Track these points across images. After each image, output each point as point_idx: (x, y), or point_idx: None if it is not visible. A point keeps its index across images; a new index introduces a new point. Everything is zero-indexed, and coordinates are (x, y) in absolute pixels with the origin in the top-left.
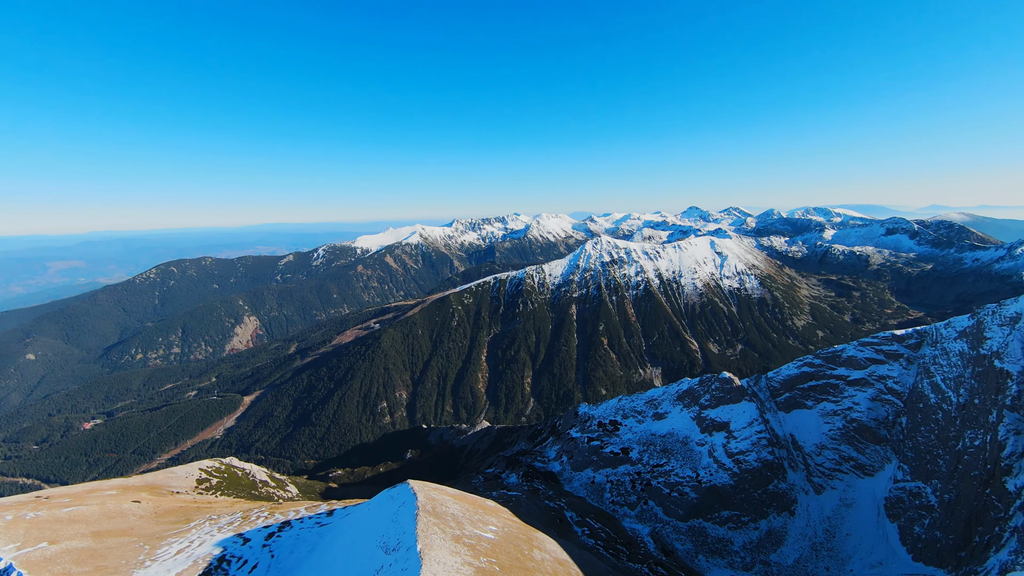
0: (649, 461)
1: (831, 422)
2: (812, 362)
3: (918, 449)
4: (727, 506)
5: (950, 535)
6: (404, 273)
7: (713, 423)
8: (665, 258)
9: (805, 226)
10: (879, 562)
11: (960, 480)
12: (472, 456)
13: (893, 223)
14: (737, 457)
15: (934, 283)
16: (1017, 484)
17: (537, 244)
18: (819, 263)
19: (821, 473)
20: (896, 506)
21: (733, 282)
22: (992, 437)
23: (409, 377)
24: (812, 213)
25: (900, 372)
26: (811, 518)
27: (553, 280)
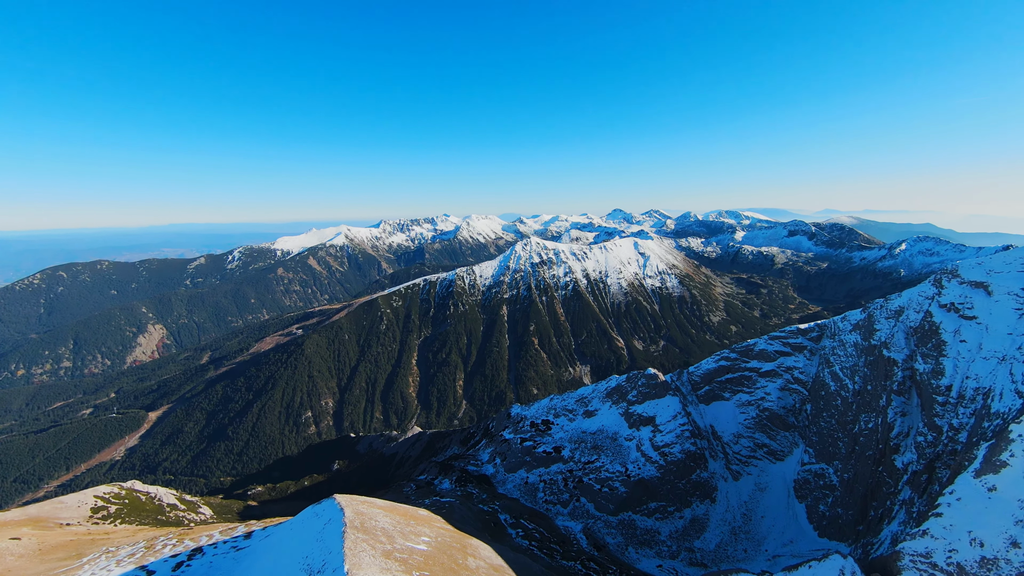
0: (580, 458)
1: (746, 412)
2: (728, 356)
3: (821, 433)
4: (654, 498)
5: (849, 511)
6: (329, 276)
7: (640, 418)
8: (592, 259)
9: (719, 228)
10: (790, 540)
11: (857, 460)
12: (404, 463)
13: (794, 225)
14: (663, 450)
15: (829, 280)
16: (904, 461)
17: (467, 245)
18: (731, 262)
19: (738, 460)
20: (803, 487)
21: (655, 281)
22: (882, 420)
23: (335, 384)
24: (725, 216)
25: (804, 363)
26: (730, 504)
27: (484, 281)
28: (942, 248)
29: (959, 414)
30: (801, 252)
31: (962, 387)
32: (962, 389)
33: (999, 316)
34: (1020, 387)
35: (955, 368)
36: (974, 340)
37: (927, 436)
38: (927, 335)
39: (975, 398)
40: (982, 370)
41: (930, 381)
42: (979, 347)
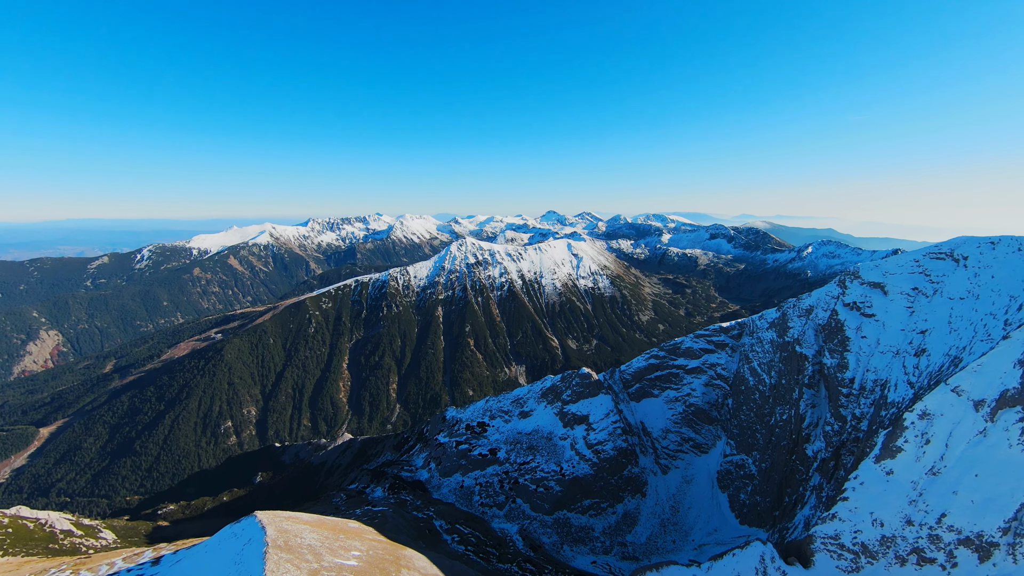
0: (516, 460)
1: (674, 408)
2: (657, 354)
3: (741, 426)
4: (588, 495)
5: (767, 498)
6: (252, 277)
7: (574, 417)
8: (527, 260)
9: (647, 230)
10: (715, 529)
11: (773, 450)
12: (333, 472)
13: (715, 229)
14: (596, 448)
15: (746, 280)
16: (814, 449)
17: (401, 245)
18: (659, 264)
19: (667, 455)
20: (726, 478)
21: (588, 282)
22: (795, 411)
23: (259, 391)
24: (652, 219)
25: (727, 359)
26: (659, 497)
27: (418, 282)
28: (842, 251)
29: (861, 404)
30: (721, 254)
31: (863, 379)
32: (863, 381)
33: (894, 313)
34: (911, 378)
35: (857, 362)
36: (873, 336)
37: (834, 425)
38: (833, 332)
39: (874, 389)
40: (880, 363)
41: (836, 374)
42: (877, 342)
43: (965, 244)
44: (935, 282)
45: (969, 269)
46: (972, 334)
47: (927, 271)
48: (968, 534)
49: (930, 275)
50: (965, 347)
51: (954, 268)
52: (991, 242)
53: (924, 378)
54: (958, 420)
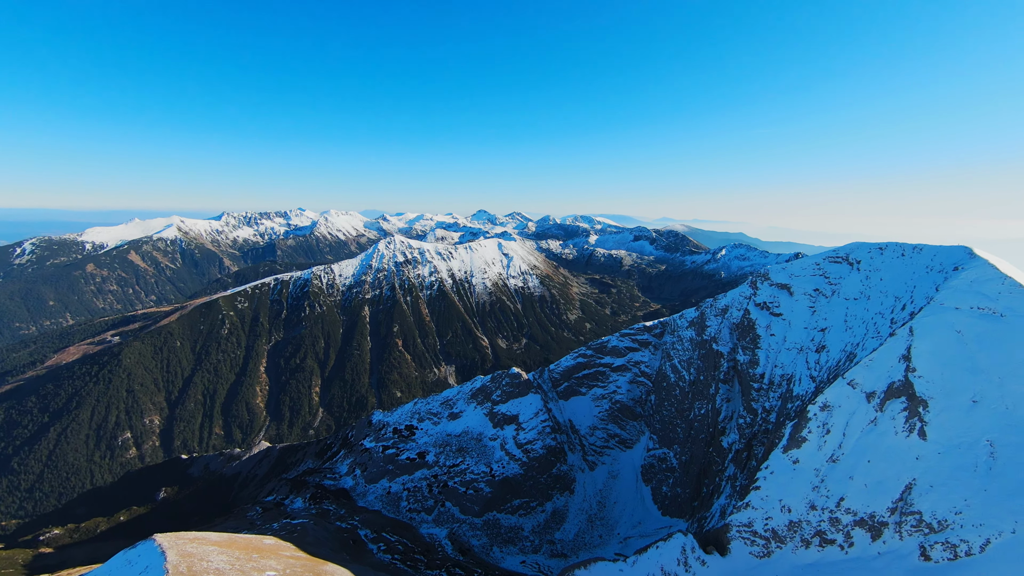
0: (445, 462)
1: (600, 405)
2: (584, 353)
3: (663, 421)
4: (518, 495)
5: (687, 490)
6: (157, 274)
7: (504, 417)
8: (457, 259)
9: (575, 231)
10: (639, 522)
11: (692, 443)
12: (248, 484)
13: (639, 231)
14: (526, 447)
15: (667, 280)
16: (729, 441)
17: (326, 242)
18: (586, 264)
19: (594, 451)
20: (649, 472)
21: (518, 281)
22: (712, 406)
23: (164, 399)
24: (580, 220)
25: (650, 357)
26: (587, 493)
27: (344, 281)
28: (752, 254)
29: (770, 398)
30: (644, 255)
31: (772, 374)
32: (772, 376)
33: (798, 313)
34: (813, 373)
35: (767, 358)
36: (780, 334)
37: (746, 418)
38: (746, 330)
39: (781, 383)
40: (786, 359)
41: (748, 370)
42: (784, 340)
43: (858, 249)
44: (833, 284)
45: (861, 272)
46: (864, 332)
47: (826, 274)
48: (862, 515)
49: (829, 277)
50: (859, 343)
51: (849, 271)
52: (879, 248)
53: (824, 373)
54: (853, 411)
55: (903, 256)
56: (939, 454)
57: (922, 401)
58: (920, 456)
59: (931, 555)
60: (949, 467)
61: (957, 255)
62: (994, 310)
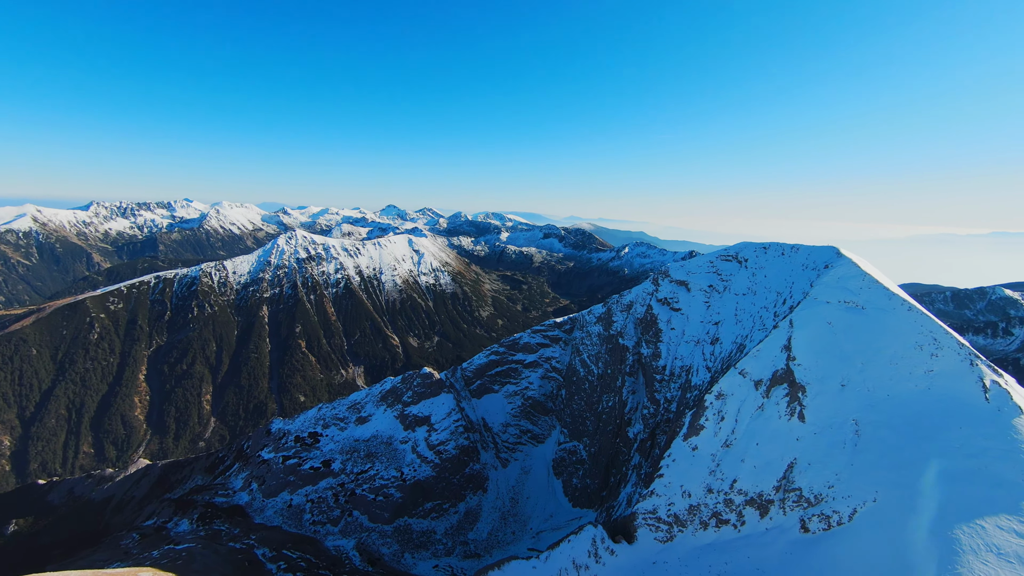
0: (353, 469)
1: (513, 401)
2: (497, 350)
3: (574, 414)
4: (430, 497)
5: (596, 480)
6: (7, 272)
7: (415, 419)
8: (366, 255)
9: (486, 228)
10: (550, 515)
11: (601, 435)
12: (124, 508)
13: (548, 229)
14: (438, 448)
15: (575, 277)
16: (634, 432)
17: (217, 237)
18: (498, 261)
19: (506, 448)
20: (560, 465)
21: (429, 278)
22: (619, 398)
23: (15, 415)
24: (491, 217)
25: (560, 352)
26: (500, 491)
27: (239, 279)
28: (652, 252)
29: (671, 388)
30: (554, 252)
31: (672, 366)
32: (672, 368)
33: (695, 308)
34: (709, 363)
35: (668, 351)
36: (680, 328)
37: (650, 409)
38: (648, 325)
39: (681, 375)
40: (685, 352)
41: (651, 363)
42: (683, 333)
43: (745, 248)
44: (725, 280)
45: (749, 269)
46: (752, 324)
47: (719, 271)
48: (752, 495)
49: (721, 274)
50: (747, 335)
51: (738, 269)
52: (764, 247)
53: (718, 363)
54: (744, 398)
55: (783, 255)
56: (815, 434)
57: (801, 387)
58: (800, 437)
59: (809, 527)
60: (823, 445)
61: (827, 254)
62: (857, 303)
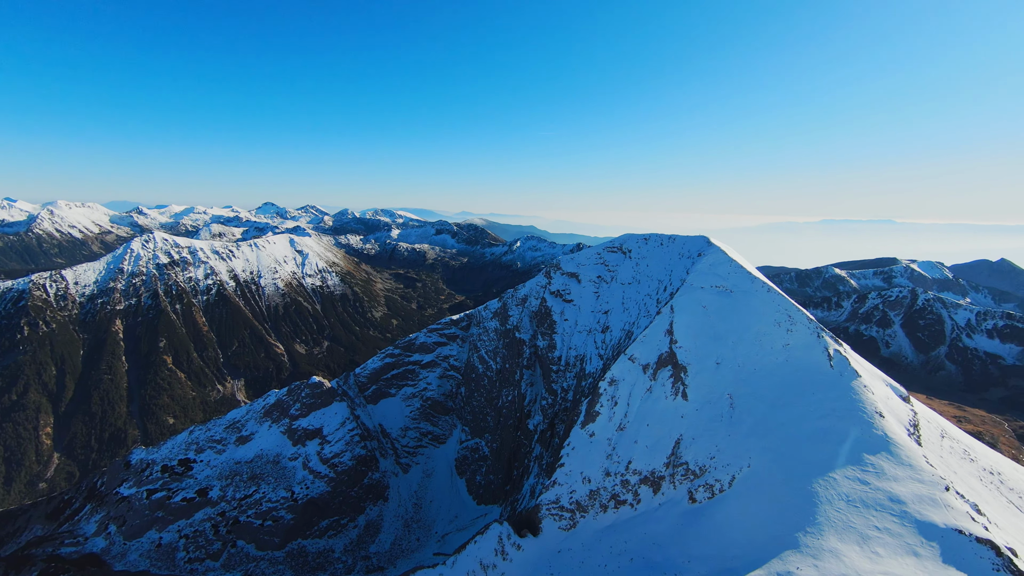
0: (235, 496)
1: (411, 404)
2: (392, 352)
3: (474, 412)
4: (326, 514)
5: (499, 476)
6: None
7: (305, 432)
8: (241, 258)
9: (376, 225)
10: (455, 516)
11: (502, 430)
12: None
13: (440, 225)
14: (332, 461)
15: (470, 272)
16: (534, 423)
17: (53, 242)
18: (389, 259)
19: (407, 453)
20: (463, 464)
21: (316, 280)
22: (518, 392)
23: None
24: (381, 214)
25: (458, 350)
26: (402, 498)
27: (84, 290)
28: (543, 245)
29: (567, 378)
30: (447, 248)
31: (567, 356)
32: (568, 358)
33: (586, 299)
34: (601, 351)
35: (562, 342)
36: (572, 318)
37: (548, 400)
38: (543, 317)
39: (576, 364)
40: (578, 341)
41: (547, 354)
42: (576, 324)
43: (629, 240)
44: (612, 271)
45: (633, 260)
46: (638, 311)
47: (606, 262)
48: (646, 473)
49: (608, 265)
50: (634, 322)
51: (623, 259)
52: (645, 238)
53: (609, 351)
54: (634, 382)
55: (662, 245)
56: (697, 411)
57: (683, 367)
58: (684, 415)
59: (696, 497)
60: (704, 420)
61: (699, 243)
62: (726, 287)
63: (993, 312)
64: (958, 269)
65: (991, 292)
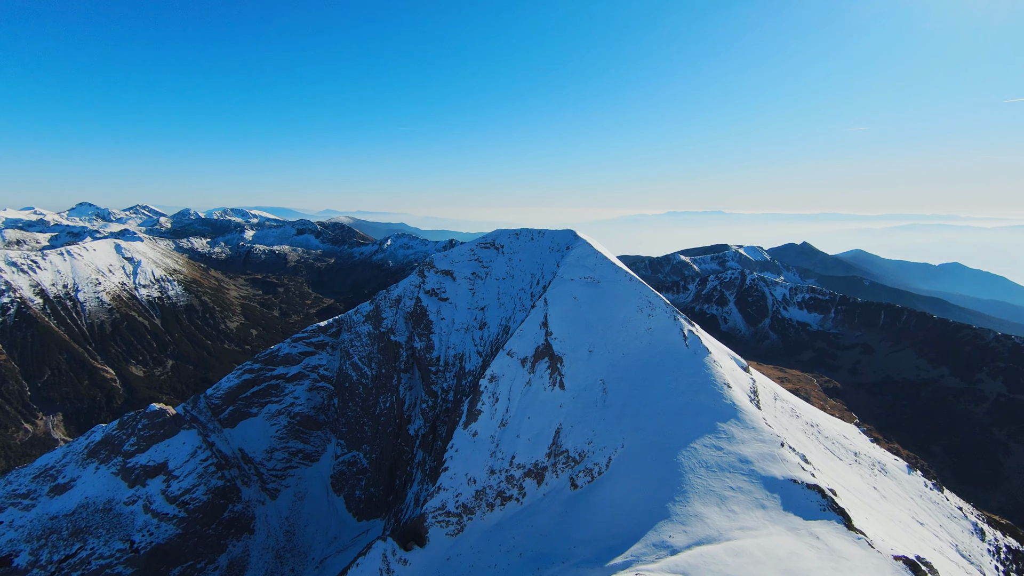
0: (52, 558)
1: (277, 422)
2: (252, 368)
3: (350, 423)
4: (178, 561)
5: (380, 487)
6: None
7: (145, 470)
8: (50, 269)
9: (225, 227)
10: (335, 537)
11: (381, 439)
12: None
13: (302, 224)
14: (183, 499)
15: (337, 274)
16: (415, 428)
17: None
18: (244, 263)
19: (274, 477)
20: (340, 480)
21: (153, 291)
22: (396, 397)
23: None
24: (231, 214)
25: (328, 359)
26: (271, 527)
27: None
28: (414, 243)
29: (447, 378)
30: (311, 249)
31: (446, 356)
32: (446, 358)
33: (462, 296)
34: (479, 348)
35: (440, 342)
36: (449, 317)
37: (428, 402)
38: (419, 318)
39: (455, 363)
40: (456, 340)
41: (425, 356)
42: (453, 322)
43: (501, 235)
44: (486, 267)
45: (505, 255)
46: (514, 306)
47: (480, 258)
48: (529, 466)
49: (482, 261)
50: (510, 317)
51: (496, 255)
52: (516, 233)
53: (488, 347)
54: (514, 377)
55: (532, 240)
56: (574, 399)
57: (559, 358)
58: (562, 403)
59: (577, 483)
60: (581, 407)
61: (567, 237)
62: (594, 278)
63: (801, 287)
64: (774, 252)
65: (798, 270)
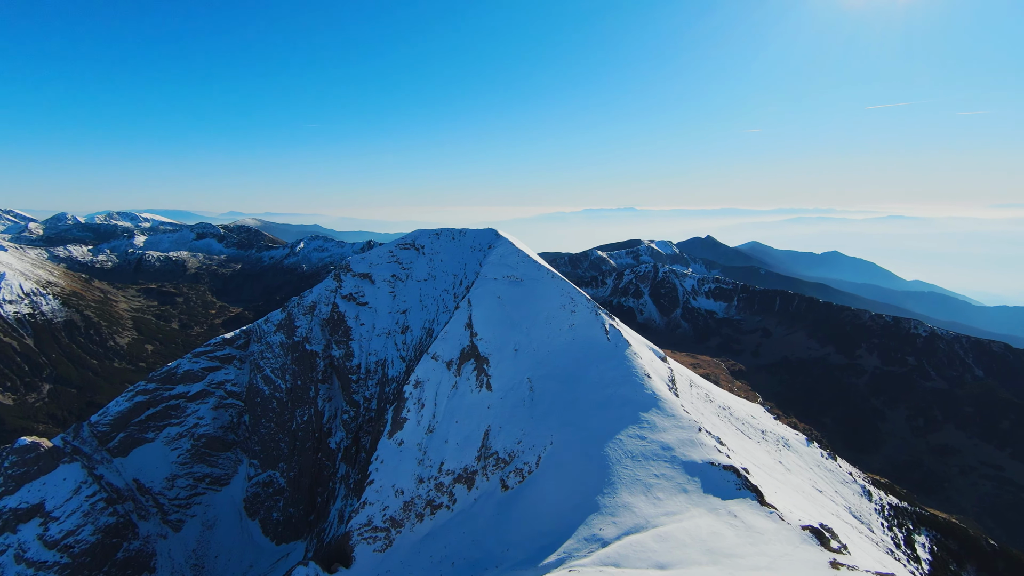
0: None
1: (179, 446)
2: (146, 388)
3: (263, 441)
4: None
5: (300, 507)
6: None
7: (15, 514)
8: None
9: (111, 232)
10: (250, 565)
11: (300, 455)
12: None
13: (202, 228)
14: (65, 543)
15: (245, 280)
16: (336, 441)
17: None
18: (135, 272)
19: (177, 507)
20: (254, 502)
21: (22, 307)
22: (314, 410)
23: None
24: (117, 218)
25: (236, 373)
26: (175, 563)
27: None
28: (329, 245)
29: (368, 386)
30: (214, 255)
31: (367, 363)
32: (367, 365)
33: (382, 300)
34: (402, 353)
35: (360, 348)
36: (369, 322)
37: (350, 412)
38: (336, 324)
39: (377, 370)
40: (378, 346)
41: (344, 364)
42: (373, 327)
43: (421, 235)
44: (406, 268)
45: (426, 256)
46: (436, 308)
47: (399, 260)
48: (459, 471)
49: (402, 263)
50: (434, 319)
51: (417, 256)
52: (436, 233)
53: (411, 351)
54: (440, 381)
55: (454, 239)
56: (501, 399)
57: (484, 359)
58: (490, 405)
59: (508, 484)
60: (508, 407)
61: (488, 236)
62: (516, 276)
63: (707, 278)
64: (682, 245)
65: (704, 262)
